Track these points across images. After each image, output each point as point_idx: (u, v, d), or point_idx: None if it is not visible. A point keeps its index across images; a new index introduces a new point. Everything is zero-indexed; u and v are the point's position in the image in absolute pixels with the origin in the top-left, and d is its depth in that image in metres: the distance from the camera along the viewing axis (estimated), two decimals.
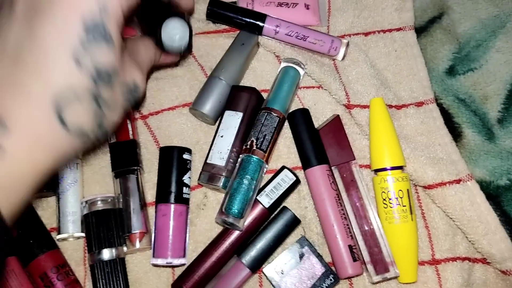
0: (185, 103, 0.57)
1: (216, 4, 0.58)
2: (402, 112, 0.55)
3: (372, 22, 0.59)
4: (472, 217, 0.50)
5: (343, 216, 0.50)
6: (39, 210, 0.54)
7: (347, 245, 0.50)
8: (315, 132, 0.54)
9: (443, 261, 0.51)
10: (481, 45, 0.58)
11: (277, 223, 0.51)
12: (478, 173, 0.54)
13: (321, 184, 0.51)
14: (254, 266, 0.50)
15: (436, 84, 0.57)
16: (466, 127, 0.56)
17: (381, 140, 0.51)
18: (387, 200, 0.50)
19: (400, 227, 0.50)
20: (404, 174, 0.51)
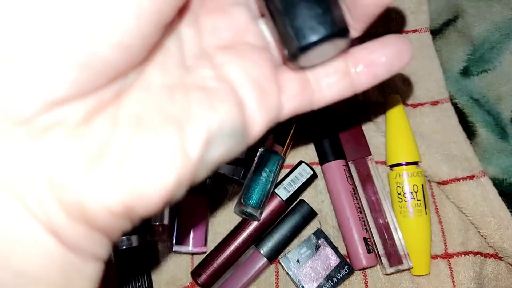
0: None
1: None
2: (418, 111, 0.56)
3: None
4: (484, 212, 0.51)
5: (358, 209, 0.52)
6: None
7: (362, 238, 0.51)
8: (332, 129, 0.55)
9: (456, 255, 0.52)
10: (495, 47, 0.60)
11: (294, 215, 0.53)
12: (491, 171, 0.56)
13: (338, 179, 0.53)
14: (271, 256, 0.52)
15: (451, 85, 0.59)
16: (480, 126, 0.57)
17: (397, 136, 0.53)
18: (402, 195, 0.52)
19: (414, 221, 0.51)
20: (419, 170, 0.52)
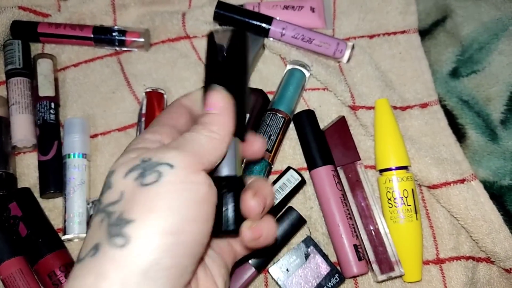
0: None
1: (223, 7, 0.58)
2: (407, 113, 0.55)
3: (377, 25, 0.60)
4: (476, 216, 0.50)
5: (348, 216, 0.51)
6: (46, 210, 0.54)
7: (352, 245, 0.50)
8: (321, 133, 0.54)
9: (448, 260, 0.52)
10: (484, 47, 0.59)
11: (282, 223, 0.52)
12: (481, 173, 0.55)
13: (327, 185, 0.52)
14: (260, 266, 0.51)
15: (440, 86, 0.58)
16: (469, 128, 0.56)
17: (386, 140, 0.52)
18: (392, 200, 0.51)
19: (405, 227, 0.50)
20: (409, 174, 0.51)
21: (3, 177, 0.54)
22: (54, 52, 0.61)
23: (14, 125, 0.56)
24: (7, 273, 0.50)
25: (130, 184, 0.28)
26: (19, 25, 0.60)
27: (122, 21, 0.63)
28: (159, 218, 0.27)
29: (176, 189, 0.28)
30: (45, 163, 0.55)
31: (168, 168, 0.28)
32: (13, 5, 0.61)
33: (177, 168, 0.28)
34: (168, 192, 0.28)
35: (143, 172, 0.29)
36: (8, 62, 0.58)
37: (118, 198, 0.28)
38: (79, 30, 0.59)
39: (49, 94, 0.57)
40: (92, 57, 0.61)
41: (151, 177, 0.28)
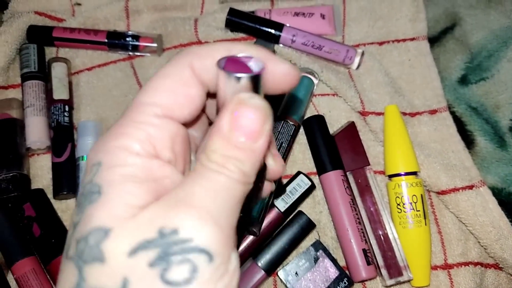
0: None
1: (235, 14, 0.59)
2: (416, 120, 0.56)
3: (386, 32, 0.60)
4: (484, 222, 0.51)
5: (357, 220, 0.51)
6: (59, 211, 0.55)
7: (361, 249, 0.50)
8: (330, 138, 0.55)
9: (456, 266, 0.52)
10: (493, 55, 0.60)
11: (292, 227, 0.52)
12: (490, 180, 0.55)
13: (336, 189, 0.52)
14: (269, 269, 0.51)
15: (449, 93, 0.58)
16: (478, 135, 0.57)
17: (396, 146, 0.53)
18: (401, 205, 0.51)
19: (413, 232, 0.50)
20: (418, 180, 0.52)
21: (18, 178, 0.54)
22: (68, 56, 0.62)
23: (29, 127, 0.57)
24: (20, 272, 0.51)
25: (141, 271, 0.20)
26: (35, 30, 0.61)
27: (135, 26, 0.64)
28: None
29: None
30: (58, 165, 0.56)
31: (205, 259, 0.20)
32: (29, 10, 0.62)
33: (216, 259, 0.20)
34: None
35: (165, 260, 0.20)
36: (24, 66, 0.59)
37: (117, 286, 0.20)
38: (93, 35, 0.61)
39: (63, 97, 0.58)
40: (106, 61, 0.62)
41: (179, 273, 0.20)
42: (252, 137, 0.22)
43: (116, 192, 0.21)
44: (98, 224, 0.20)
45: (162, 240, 0.20)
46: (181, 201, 0.21)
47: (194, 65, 0.24)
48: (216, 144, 0.22)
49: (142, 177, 0.22)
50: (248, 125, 0.22)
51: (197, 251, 0.20)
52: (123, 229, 0.20)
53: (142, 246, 0.20)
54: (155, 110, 0.24)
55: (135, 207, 0.21)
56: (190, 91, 0.25)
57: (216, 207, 0.21)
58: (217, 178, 0.22)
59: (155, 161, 0.23)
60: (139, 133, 0.23)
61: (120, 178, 0.22)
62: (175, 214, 0.20)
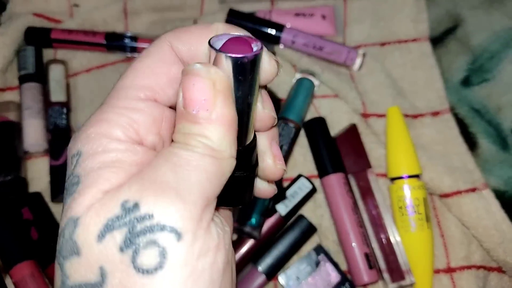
0: None
1: (235, 15, 0.59)
2: (418, 122, 0.55)
3: (388, 33, 0.60)
4: (487, 226, 0.50)
5: (359, 224, 0.51)
6: (57, 215, 0.55)
7: (363, 253, 0.50)
8: (332, 141, 0.54)
9: (459, 269, 0.51)
10: (495, 56, 0.59)
11: (293, 231, 0.52)
12: (492, 182, 0.55)
13: (337, 192, 0.52)
14: (270, 273, 0.51)
15: (451, 95, 0.58)
16: (481, 137, 0.56)
17: (398, 148, 0.52)
18: (404, 208, 0.50)
19: (416, 235, 0.50)
20: (421, 183, 0.51)
21: (15, 182, 0.54)
22: (66, 57, 0.61)
23: (26, 130, 0.56)
24: (18, 276, 0.50)
25: (114, 258, 0.19)
26: (33, 31, 0.60)
27: (134, 27, 0.63)
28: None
29: (190, 273, 0.19)
30: (56, 168, 0.55)
31: (172, 238, 0.19)
32: (28, 12, 0.62)
33: (185, 236, 0.19)
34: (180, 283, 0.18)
35: (131, 240, 0.19)
36: (21, 68, 0.58)
37: (97, 280, 0.19)
38: (92, 36, 0.60)
39: (61, 99, 0.58)
40: (104, 63, 0.62)
41: (149, 258, 0.18)
42: (205, 107, 0.21)
43: (92, 179, 0.20)
44: (70, 215, 0.20)
45: (126, 216, 0.19)
46: (145, 178, 0.20)
47: (174, 45, 0.23)
48: (178, 123, 0.21)
49: (125, 163, 0.21)
50: (194, 95, 0.20)
51: (161, 229, 0.19)
52: (90, 213, 0.19)
53: (108, 227, 0.19)
54: (137, 93, 0.23)
55: (109, 193, 0.20)
56: (171, 70, 0.23)
57: (180, 182, 0.20)
58: (180, 153, 0.21)
59: (139, 147, 0.22)
60: (120, 119, 0.22)
61: (99, 165, 0.21)
62: (136, 189, 0.19)
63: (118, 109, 0.22)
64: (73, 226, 0.19)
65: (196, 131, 0.21)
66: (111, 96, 0.23)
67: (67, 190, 0.21)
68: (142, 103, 0.23)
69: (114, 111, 0.22)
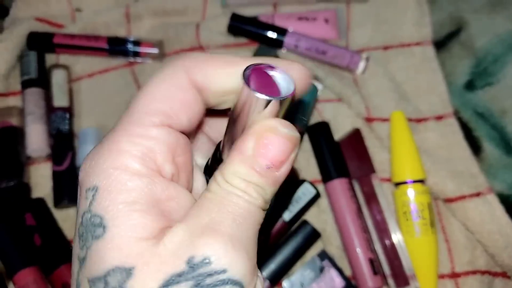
0: None
1: (237, 19, 0.59)
2: (422, 126, 0.55)
3: (391, 37, 0.60)
4: (492, 230, 0.50)
5: (363, 229, 0.51)
6: (60, 221, 0.54)
7: (367, 258, 0.50)
8: (335, 145, 0.54)
9: (463, 275, 0.51)
10: (499, 60, 0.59)
11: (297, 237, 0.51)
12: (497, 186, 0.54)
13: (341, 197, 0.52)
14: (274, 279, 0.50)
15: (455, 98, 0.58)
16: (485, 141, 0.56)
17: (402, 153, 0.52)
18: (408, 213, 0.50)
19: (421, 240, 0.50)
20: (425, 188, 0.51)
21: (18, 187, 0.54)
22: (69, 62, 0.61)
23: (29, 135, 0.56)
24: (22, 282, 0.50)
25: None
26: (35, 36, 0.60)
27: (136, 32, 0.63)
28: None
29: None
30: (59, 173, 0.55)
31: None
32: (30, 17, 0.62)
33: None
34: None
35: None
36: (24, 72, 0.58)
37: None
38: (94, 41, 0.60)
39: (63, 104, 0.58)
40: (106, 68, 0.61)
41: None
42: (277, 166, 0.21)
43: (123, 226, 0.20)
44: (116, 264, 0.19)
45: (193, 271, 0.19)
46: (207, 228, 0.20)
47: (191, 71, 0.23)
48: (237, 167, 0.21)
49: (146, 202, 0.21)
50: (275, 154, 0.21)
51: (231, 284, 0.19)
52: (148, 266, 0.19)
53: (171, 281, 0.19)
54: (152, 118, 0.22)
55: (148, 239, 0.20)
56: (187, 96, 0.23)
57: (243, 235, 0.20)
58: (240, 203, 0.21)
59: (158, 181, 0.21)
60: (137, 149, 0.21)
61: (123, 207, 0.20)
62: (204, 243, 0.19)
63: (133, 137, 0.21)
64: (125, 276, 0.19)
65: (259, 183, 0.21)
66: (124, 120, 0.22)
67: (86, 229, 0.20)
68: (157, 130, 0.22)
69: (128, 140, 0.21)
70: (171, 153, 0.22)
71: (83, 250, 0.20)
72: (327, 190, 0.53)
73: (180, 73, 0.23)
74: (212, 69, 0.23)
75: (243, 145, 0.21)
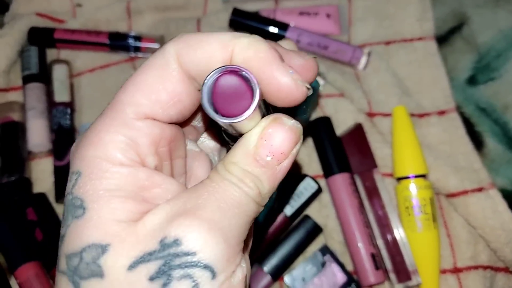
0: None
1: (239, 14, 0.58)
2: (424, 121, 0.55)
3: (393, 32, 0.59)
4: (494, 225, 0.50)
5: (365, 224, 0.51)
6: (61, 216, 0.54)
7: (369, 253, 0.50)
8: (337, 140, 0.54)
9: (465, 270, 0.51)
10: (501, 55, 0.59)
11: (298, 231, 0.51)
12: (499, 182, 0.54)
13: (343, 192, 0.51)
14: (275, 274, 0.50)
15: (457, 94, 0.58)
16: (487, 136, 0.56)
17: (404, 148, 0.52)
18: (410, 208, 0.50)
19: (423, 235, 0.50)
20: (427, 183, 0.51)
21: (20, 182, 0.54)
22: (70, 57, 0.61)
23: (30, 130, 0.56)
24: (24, 277, 0.50)
25: (142, 285, 0.19)
26: (36, 32, 0.60)
27: (137, 27, 0.63)
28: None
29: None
30: (60, 168, 0.55)
31: (207, 276, 0.19)
32: (31, 12, 0.62)
33: (219, 276, 0.20)
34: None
35: (166, 272, 0.19)
36: (25, 68, 0.58)
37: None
38: (95, 36, 0.60)
39: (64, 99, 0.57)
40: (107, 63, 0.61)
41: None
42: (279, 158, 0.21)
43: (102, 209, 0.20)
44: (93, 241, 0.20)
45: (163, 251, 0.19)
46: (188, 211, 0.20)
47: (182, 58, 0.22)
48: (238, 156, 0.21)
49: (127, 189, 0.21)
50: (278, 144, 0.21)
51: (200, 267, 0.19)
52: (123, 243, 0.20)
53: (142, 259, 0.19)
54: (135, 110, 0.21)
55: (128, 222, 0.20)
56: (176, 88, 0.22)
57: (226, 222, 0.20)
58: (232, 191, 0.21)
59: (140, 170, 0.21)
60: (119, 139, 0.21)
61: (104, 193, 0.20)
62: (179, 224, 0.20)
63: (116, 127, 0.21)
64: (100, 252, 0.19)
65: (257, 174, 0.21)
66: (109, 111, 0.22)
67: (67, 209, 0.21)
68: (140, 122, 0.22)
69: (112, 130, 0.21)
70: (154, 145, 0.22)
71: (63, 228, 0.21)
72: (329, 185, 0.53)
73: (170, 62, 0.22)
74: (204, 55, 0.21)
75: (247, 137, 0.21)
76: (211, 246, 0.19)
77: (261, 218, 0.49)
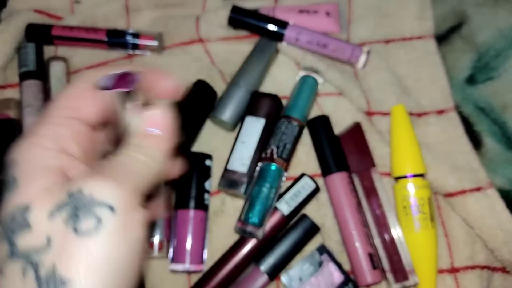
0: None
1: (238, 11, 0.58)
2: (423, 120, 0.55)
3: (392, 30, 0.59)
4: (492, 225, 0.50)
5: (362, 223, 0.50)
6: None
7: (366, 253, 0.50)
8: (335, 139, 0.54)
9: (463, 269, 0.51)
10: (501, 54, 0.58)
11: (296, 231, 0.51)
12: (497, 181, 0.54)
13: (341, 191, 0.51)
14: (272, 273, 0.50)
15: (456, 93, 0.57)
16: (486, 135, 0.56)
17: (402, 147, 0.51)
18: (408, 208, 0.50)
19: (420, 235, 0.49)
20: (425, 182, 0.51)
21: None
22: (67, 54, 0.61)
23: (27, 128, 0.56)
24: None
25: (59, 228, 0.24)
26: (33, 28, 0.60)
27: (136, 24, 0.63)
28: (100, 280, 0.23)
29: (118, 239, 0.24)
30: None
31: (108, 212, 0.24)
32: (28, 8, 0.61)
33: (119, 212, 0.24)
34: (109, 245, 0.24)
35: (75, 213, 0.24)
36: (22, 65, 0.58)
37: (43, 244, 0.24)
38: (93, 33, 0.59)
39: None
40: (105, 60, 0.61)
41: (87, 223, 0.23)
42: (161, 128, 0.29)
43: (30, 180, 0.26)
44: (20, 202, 0.25)
45: (70, 200, 0.24)
46: (89, 171, 0.27)
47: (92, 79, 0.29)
48: (138, 139, 0.28)
49: (54, 167, 0.26)
50: (159, 121, 0.29)
51: (102, 206, 0.24)
52: (41, 200, 0.25)
53: (56, 209, 0.24)
54: (65, 112, 0.29)
55: (47, 187, 0.25)
56: (96, 97, 0.29)
57: (119, 173, 0.26)
58: (126, 157, 0.27)
59: (63, 155, 0.27)
60: (48, 132, 0.28)
61: (33, 169, 0.26)
62: (82, 180, 0.25)
63: (48, 124, 0.28)
64: (25, 209, 0.25)
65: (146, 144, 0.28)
66: (45, 112, 0.29)
67: (4, 187, 0.26)
68: (68, 121, 0.28)
69: (44, 126, 0.28)
70: (78, 139, 0.29)
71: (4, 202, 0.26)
72: (327, 184, 0.53)
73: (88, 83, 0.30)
74: None
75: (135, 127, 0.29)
76: (106, 188, 0.24)
77: (259, 217, 0.49)
